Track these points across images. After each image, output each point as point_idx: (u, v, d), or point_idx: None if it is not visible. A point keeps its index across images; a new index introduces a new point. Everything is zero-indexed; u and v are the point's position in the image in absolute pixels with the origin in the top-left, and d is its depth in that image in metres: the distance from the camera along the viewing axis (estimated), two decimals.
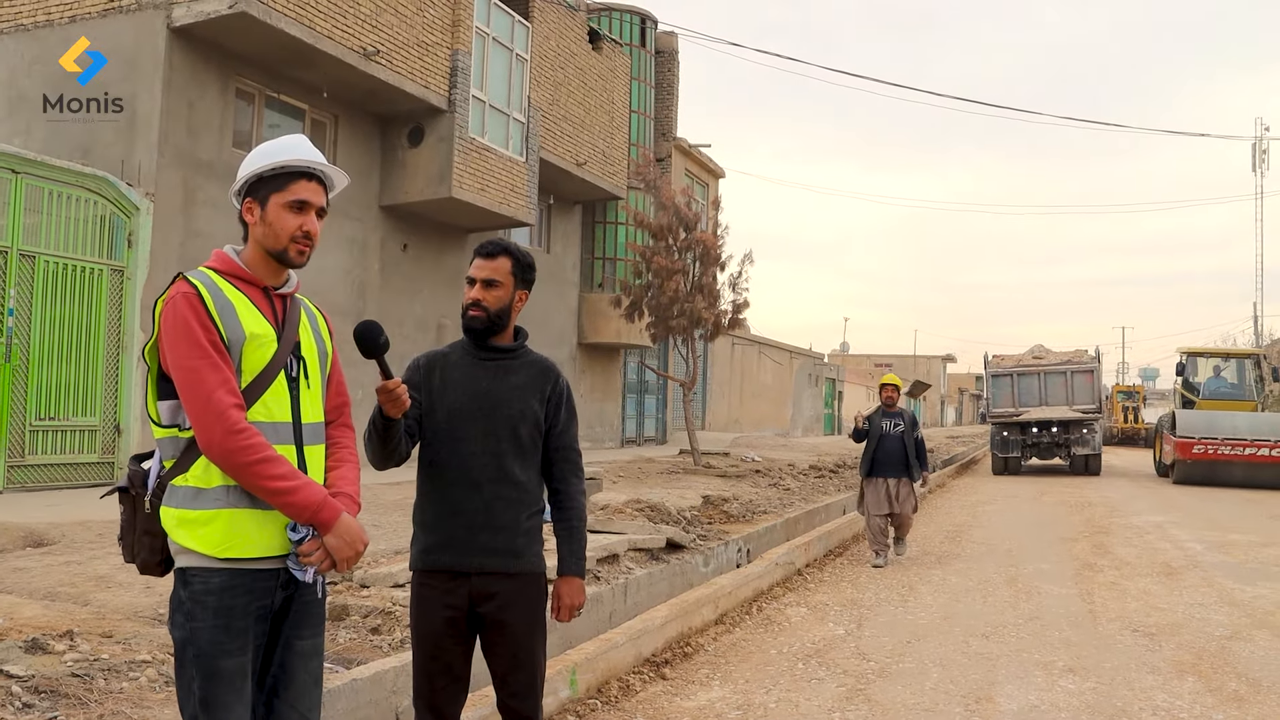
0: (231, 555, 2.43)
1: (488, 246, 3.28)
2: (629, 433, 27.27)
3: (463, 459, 3.16)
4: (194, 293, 2.44)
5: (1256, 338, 52.53)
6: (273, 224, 2.58)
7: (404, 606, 5.75)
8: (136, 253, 12.19)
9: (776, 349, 42.75)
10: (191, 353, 2.40)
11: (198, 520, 2.42)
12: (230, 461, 2.39)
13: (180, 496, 2.44)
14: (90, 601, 5.53)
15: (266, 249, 2.59)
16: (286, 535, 2.50)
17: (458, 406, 3.20)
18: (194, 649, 2.40)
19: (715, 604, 7.43)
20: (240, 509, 2.45)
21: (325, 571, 2.55)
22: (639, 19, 26.16)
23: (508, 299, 3.24)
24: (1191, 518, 15.64)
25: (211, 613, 2.41)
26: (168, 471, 2.48)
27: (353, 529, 2.54)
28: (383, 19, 15.14)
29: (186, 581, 2.43)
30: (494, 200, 17.75)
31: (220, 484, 2.44)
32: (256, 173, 2.59)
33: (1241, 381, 26.25)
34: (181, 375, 2.40)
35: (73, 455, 11.45)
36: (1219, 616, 7.97)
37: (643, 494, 11.91)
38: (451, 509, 3.16)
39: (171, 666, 4.23)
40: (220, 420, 2.37)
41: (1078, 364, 26.25)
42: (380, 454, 3.10)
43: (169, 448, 2.49)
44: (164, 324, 2.44)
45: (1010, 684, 5.93)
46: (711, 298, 19.42)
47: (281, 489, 2.42)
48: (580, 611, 3.33)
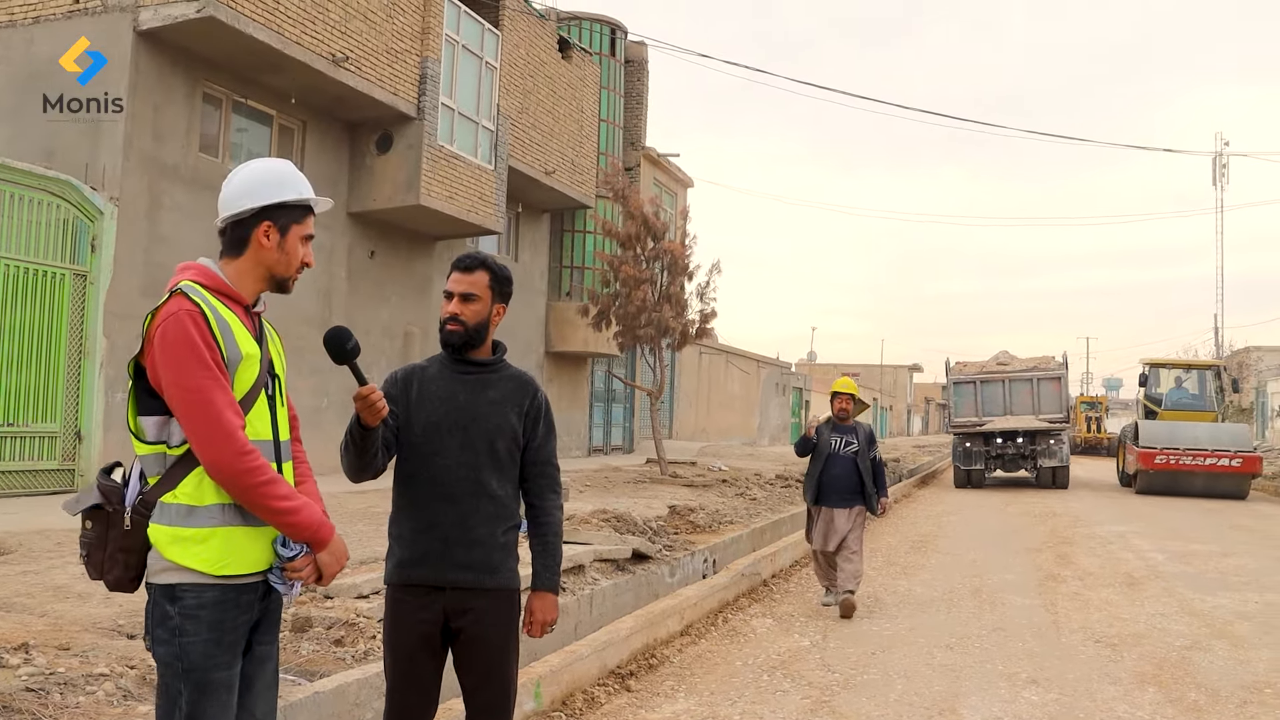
0: (227, 572, 2.46)
1: (465, 260, 3.26)
2: (596, 442, 27.24)
3: (439, 473, 3.15)
4: (198, 311, 2.44)
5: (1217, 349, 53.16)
6: (290, 253, 2.65)
7: (368, 618, 5.71)
8: (100, 257, 12.05)
9: (744, 358, 42.85)
10: (199, 372, 2.40)
11: (194, 538, 2.43)
12: (239, 482, 2.41)
13: (172, 514, 2.43)
14: (48, 613, 5.44)
15: (274, 274, 2.65)
16: (273, 549, 2.53)
17: (434, 420, 3.18)
18: (185, 663, 2.41)
19: (681, 615, 7.42)
20: (235, 526, 2.47)
21: (308, 585, 2.61)
22: (609, 28, 26.19)
23: (485, 313, 3.23)
24: (1154, 528, 15.80)
25: (205, 627, 2.43)
26: (153, 488, 2.46)
27: (341, 545, 2.63)
28: (352, 25, 15.07)
29: (176, 597, 2.43)
30: (462, 208, 17.70)
31: (215, 501, 2.45)
32: (281, 201, 2.63)
33: (1202, 392, 26.45)
34: (187, 395, 2.39)
35: (32, 462, 11.29)
36: (1179, 627, 8.06)
37: (609, 504, 11.88)
38: (427, 523, 3.14)
39: (130, 680, 4.18)
40: (231, 441, 2.40)
41: (1044, 371, 25.04)
42: (357, 465, 3.08)
43: (154, 464, 2.48)
44: (163, 341, 2.41)
45: (974, 695, 5.96)
46: (679, 307, 19.42)
47: (286, 509, 2.48)
48: (553, 628, 3.32)
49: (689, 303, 19.89)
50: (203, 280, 2.55)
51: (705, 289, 20.11)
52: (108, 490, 2.49)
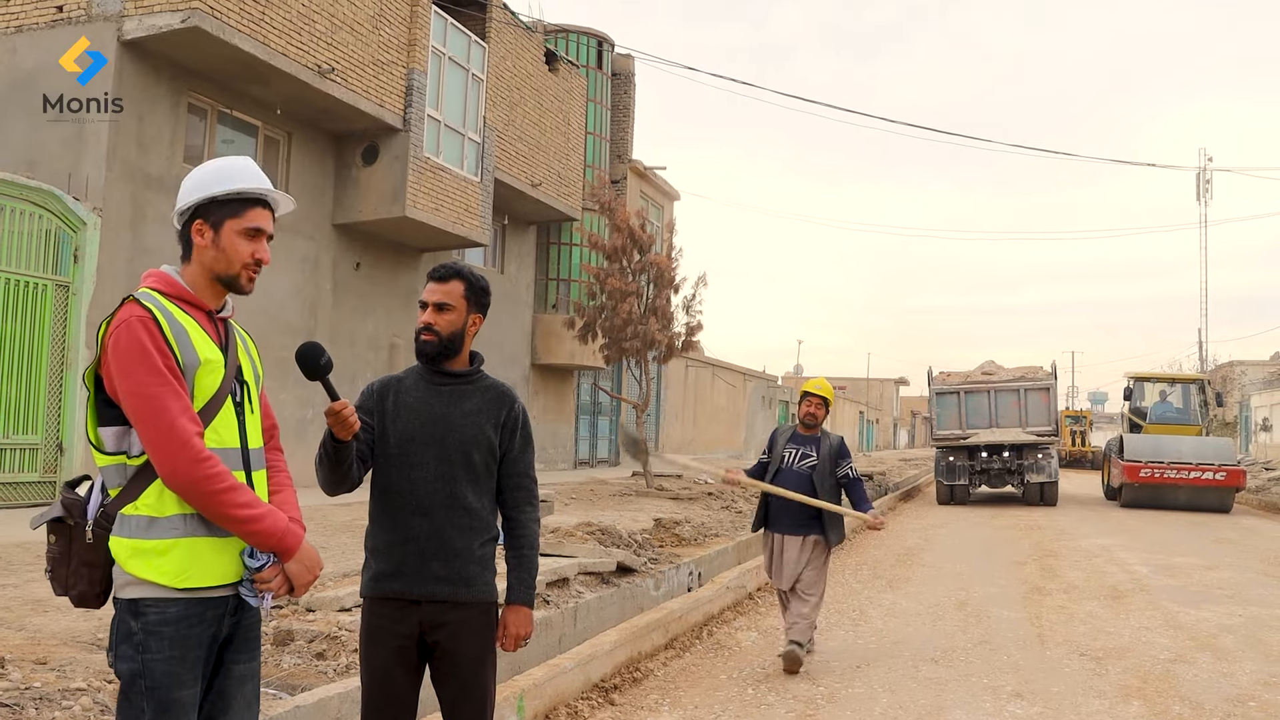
0: (190, 585, 2.39)
1: (440, 270, 3.24)
2: (582, 454, 27.20)
3: (414, 485, 3.12)
4: (149, 317, 2.39)
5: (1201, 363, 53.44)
6: (226, 250, 2.55)
7: (350, 631, 5.67)
8: (83, 268, 11.99)
9: (730, 371, 42.87)
10: (150, 379, 2.34)
11: (154, 550, 2.37)
12: (195, 490, 2.35)
13: (132, 526, 2.37)
14: (25, 626, 5.39)
15: (216, 273, 2.56)
16: (241, 561, 2.47)
17: (410, 432, 3.16)
18: (147, 681, 2.35)
19: (666, 628, 7.39)
20: (198, 537, 2.41)
21: (281, 597, 2.54)
22: (596, 41, 26.26)
23: (460, 323, 3.21)
24: (1138, 541, 15.83)
25: (168, 643, 2.36)
26: (113, 500, 2.40)
27: (311, 554, 2.55)
28: (338, 37, 15.06)
29: (139, 612, 2.36)
30: (448, 220, 17.68)
31: (176, 512, 2.39)
32: (211, 195, 2.54)
33: (1187, 406, 26.49)
34: (139, 403, 2.34)
35: (13, 474, 11.20)
36: (1164, 640, 8.06)
37: (594, 516, 11.86)
38: (403, 536, 3.11)
39: (108, 695, 4.13)
40: (185, 449, 2.34)
41: (1032, 381, 23.85)
42: (331, 479, 3.06)
43: (115, 475, 2.42)
44: (116, 348, 2.36)
45: (959, 709, 5.95)
46: (665, 320, 19.44)
47: (247, 517, 2.41)
48: (526, 642, 3.28)
49: (675, 315, 19.93)
50: (161, 287, 2.51)
51: (691, 302, 20.16)
52: (69, 503, 2.43)
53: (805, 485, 6.78)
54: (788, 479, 6.85)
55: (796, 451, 6.96)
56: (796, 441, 7.01)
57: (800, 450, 6.95)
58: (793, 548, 6.87)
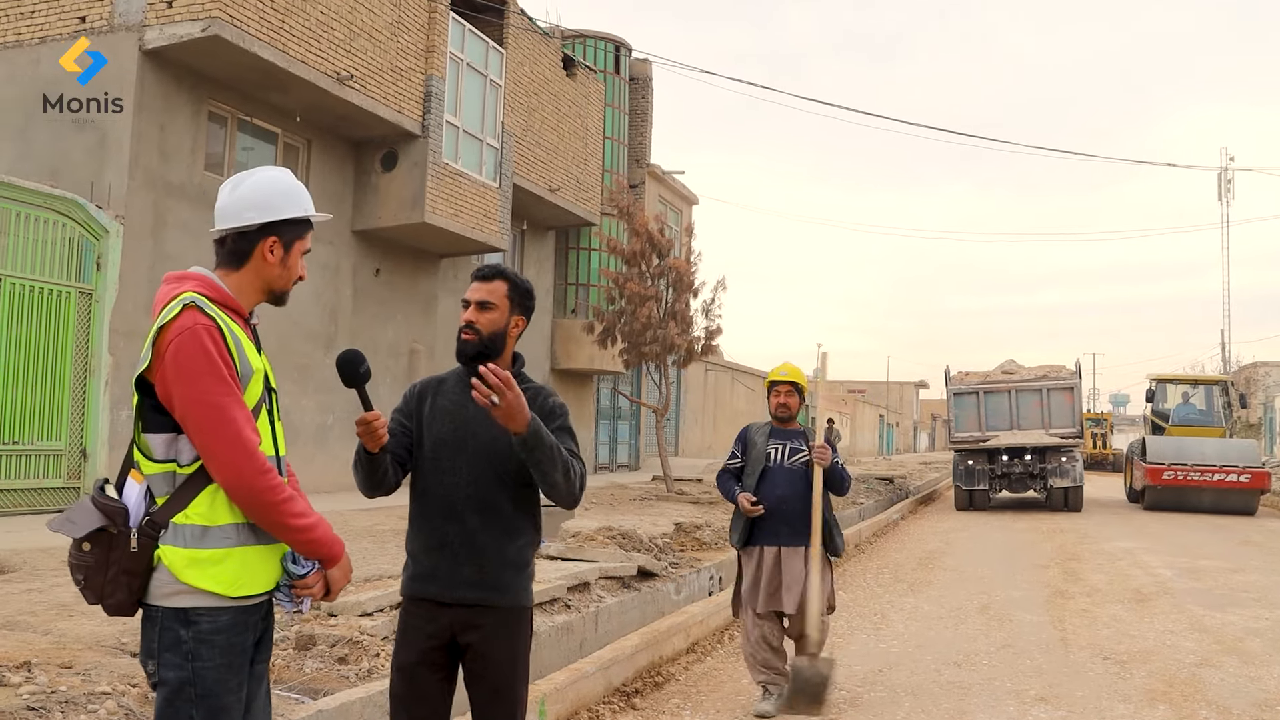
0: (242, 593, 2.40)
1: (485, 269, 3.24)
2: (602, 459, 27.21)
3: (448, 489, 3.11)
4: (214, 325, 2.38)
5: (1224, 364, 53.05)
6: (291, 268, 2.62)
7: (372, 636, 5.68)
8: (105, 276, 12.08)
9: (750, 375, 42.84)
10: (217, 388, 2.33)
11: (210, 559, 2.36)
12: (258, 500, 2.36)
13: (186, 535, 2.35)
14: (51, 630, 5.43)
15: (273, 288, 2.60)
16: (283, 567, 2.49)
17: (443, 436, 3.15)
18: (198, 689, 2.35)
19: (687, 632, 7.38)
20: (250, 546, 2.42)
21: (317, 602, 2.59)
22: (613, 46, 26.29)
23: (503, 323, 3.19)
24: (1162, 544, 15.72)
25: (219, 651, 2.36)
26: (161, 508, 2.36)
27: (349, 560, 2.59)
28: (357, 44, 15.13)
29: (190, 621, 2.35)
30: (467, 225, 17.74)
31: (229, 521, 2.38)
32: (290, 217, 2.58)
33: (1210, 408, 26.28)
34: (205, 411, 2.32)
35: (37, 480, 11.29)
36: (1189, 644, 7.99)
37: (615, 521, 11.84)
38: (437, 540, 3.11)
39: (133, 699, 4.15)
40: (252, 460, 2.34)
41: (1055, 380, 22.61)
42: (368, 484, 3.07)
43: (163, 483, 2.39)
44: (178, 355, 2.32)
45: (982, 713, 5.92)
46: (684, 324, 19.42)
47: (303, 526, 2.43)
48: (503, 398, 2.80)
49: (694, 319, 19.90)
50: (207, 292, 2.47)
51: (711, 306, 20.13)
52: (111, 511, 2.35)
53: (801, 483, 5.82)
54: (780, 479, 5.85)
55: (783, 446, 5.93)
56: (780, 436, 6.00)
57: (788, 445, 5.94)
58: (795, 560, 5.79)
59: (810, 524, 5.75)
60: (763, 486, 5.84)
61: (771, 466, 5.88)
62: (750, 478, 5.93)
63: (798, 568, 5.76)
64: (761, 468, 5.89)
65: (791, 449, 5.90)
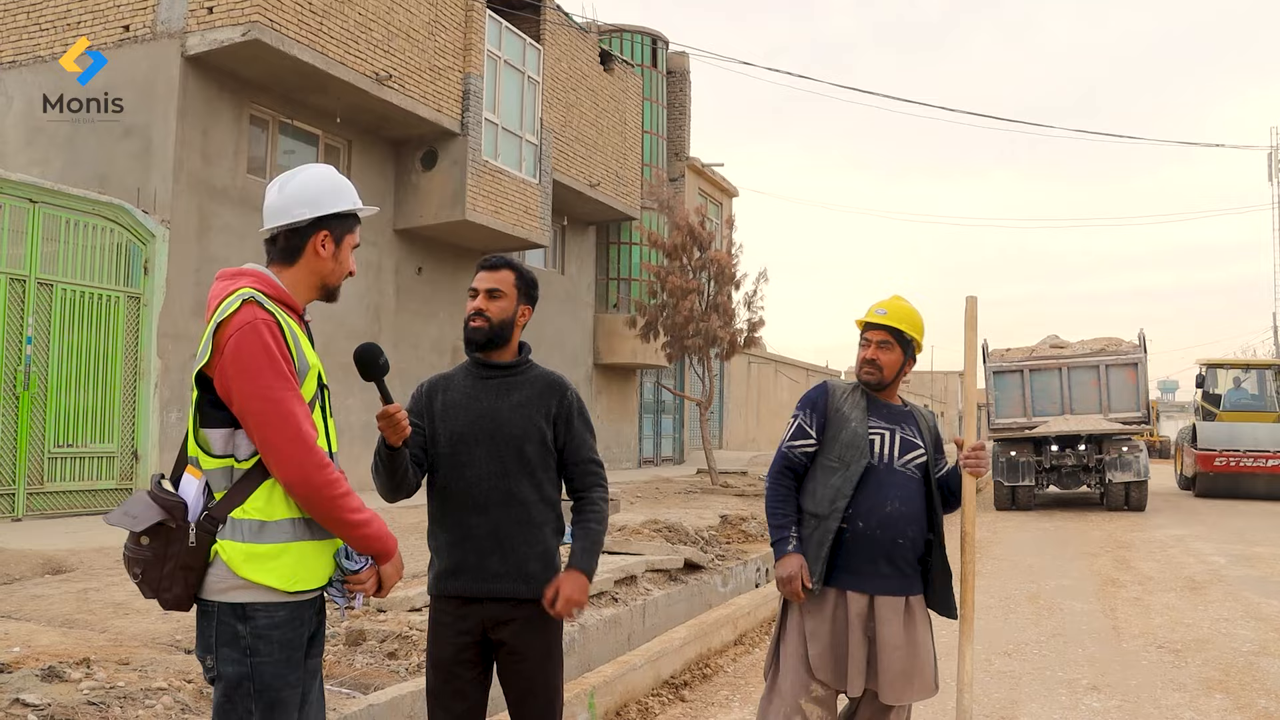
0: (299, 588, 2.41)
1: (490, 259, 3.27)
2: (646, 453, 27.22)
3: (468, 483, 3.11)
4: (273, 320, 2.39)
5: (1277, 348, 52.12)
6: (343, 262, 2.64)
7: (420, 630, 5.73)
8: (153, 280, 12.25)
9: (793, 367, 42.68)
10: (277, 383, 2.34)
11: (268, 554, 2.37)
12: (318, 495, 2.37)
13: (244, 530, 2.36)
14: (107, 628, 5.52)
15: (326, 283, 2.63)
16: (336, 562, 2.51)
17: (460, 430, 3.15)
18: (255, 684, 2.37)
19: (734, 624, 7.38)
20: (307, 541, 2.43)
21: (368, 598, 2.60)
22: (650, 40, 26.27)
23: (511, 310, 3.20)
24: (1214, 531, 15.49)
25: (277, 646, 2.38)
26: (219, 503, 2.38)
27: (400, 556, 2.62)
28: (395, 44, 15.22)
29: (248, 616, 2.36)
30: (508, 222, 17.80)
31: (285, 516, 2.40)
32: (335, 211, 2.60)
33: (1262, 392, 25.78)
34: (266, 406, 2.33)
35: (91, 482, 11.47)
36: (1245, 632, 7.88)
37: (660, 514, 11.86)
38: (461, 535, 3.11)
39: (188, 694, 4.22)
40: (311, 454, 2.36)
41: (1116, 355, 19.11)
42: (388, 485, 3.07)
43: (221, 479, 2.40)
44: (239, 350, 2.33)
45: (1034, 702, 5.87)
46: (727, 316, 19.41)
47: (359, 521, 2.44)
48: (580, 611, 3.18)
49: (736, 312, 19.89)
50: (264, 289, 2.47)
51: (752, 298, 20.12)
52: (171, 506, 2.37)
53: (917, 494, 3.68)
54: (889, 488, 3.62)
55: (890, 434, 3.68)
56: (882, 416, 3.71)
57: (898, 434, 3.69)
58: (894, 619, 3.71)
59: (929, 563, 3.87)
60: (860, 494, 3.58)
61: (876, 465, 3.62)
62: (839, 476, 3.61)
63: (897, 632, 3.70)
64: (864, 465, 3.59)
65: (904, 441, 3.69)
